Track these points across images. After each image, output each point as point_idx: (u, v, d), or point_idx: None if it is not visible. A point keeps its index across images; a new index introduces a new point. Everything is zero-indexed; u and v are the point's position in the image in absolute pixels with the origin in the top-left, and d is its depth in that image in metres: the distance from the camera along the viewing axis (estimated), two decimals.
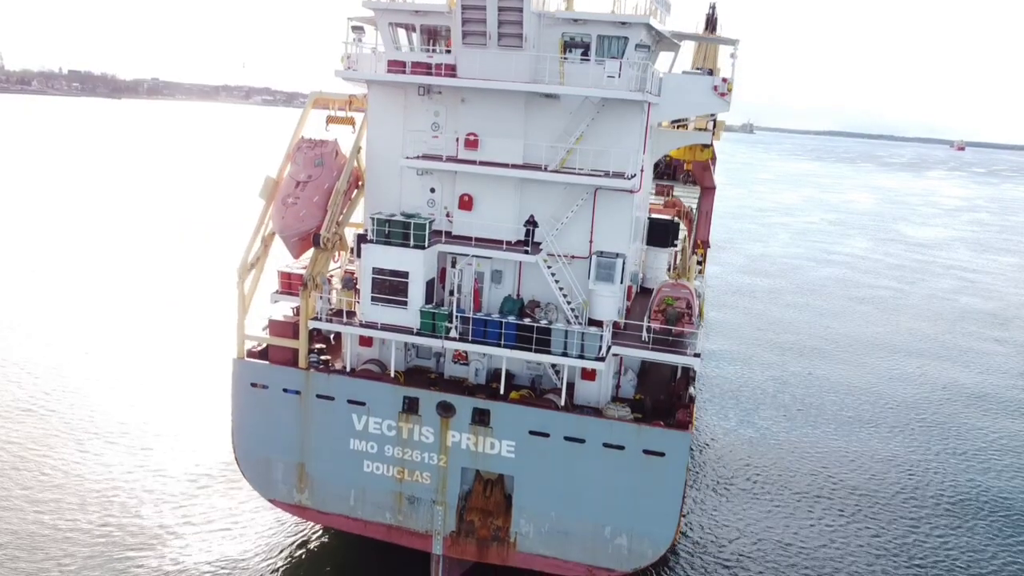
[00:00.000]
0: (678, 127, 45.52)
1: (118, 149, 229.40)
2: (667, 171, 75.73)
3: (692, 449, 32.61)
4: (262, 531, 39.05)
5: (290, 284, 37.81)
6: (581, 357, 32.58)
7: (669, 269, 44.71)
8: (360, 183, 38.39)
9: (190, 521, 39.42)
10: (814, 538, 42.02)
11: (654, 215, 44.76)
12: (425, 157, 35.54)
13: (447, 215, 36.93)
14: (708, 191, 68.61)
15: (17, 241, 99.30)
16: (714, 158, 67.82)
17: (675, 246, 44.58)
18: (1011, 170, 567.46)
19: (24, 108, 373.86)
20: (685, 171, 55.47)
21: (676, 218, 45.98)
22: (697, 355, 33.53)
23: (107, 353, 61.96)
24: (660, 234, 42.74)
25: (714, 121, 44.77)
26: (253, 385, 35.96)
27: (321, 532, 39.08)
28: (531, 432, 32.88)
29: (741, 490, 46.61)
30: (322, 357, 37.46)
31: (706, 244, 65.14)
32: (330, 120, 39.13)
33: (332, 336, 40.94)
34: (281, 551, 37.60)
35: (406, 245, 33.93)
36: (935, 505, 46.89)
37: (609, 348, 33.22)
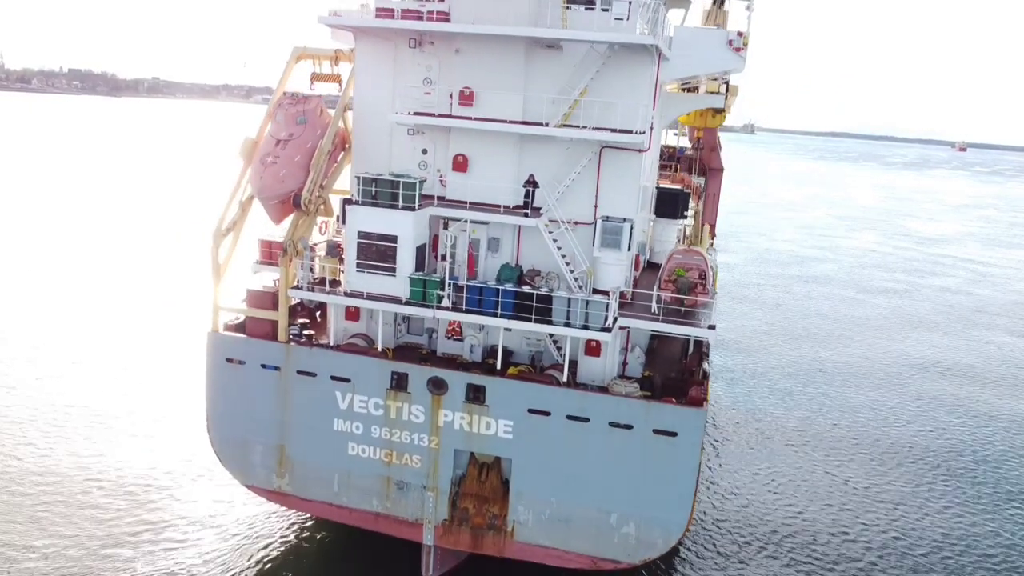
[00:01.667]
0: (687, 91, 42.82)
1: (115, 145, 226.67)
2: (670, 162, 72.87)
3: (705, 429, 29.76)
4: (239, 520, 36.18)
5: (271, 253, 34.95)
6: (585, 328, 29.78)
7: (678, 243, 41.94)
8: (347, 145, 35.65)
9: (160, 510, 36.55)
10: (833, 526, 39.16)
11: (662, 185, 41.97)
12: (416, 114, 32.83)
13: (440, 178, 34.22)
14: (715, 173, 65.68)
15: (8, 233, 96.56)
16: (719, 145, 64.95)
17: (685, 218, 41.80)
18: (1015, 170, 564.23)
19: (19, 106, 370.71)
20: (692, 150, 52.48)
21: (686, 189, 43.15)
22: (712, 327, 30.72)
23: (86, 332, 59.19)
24: (669, 204, 39.97)
25: (727, 84, 41.92)
26: (229, 361, 33.16)
27: (303, 521, 36.21)
28: (530, 411, 30.09)
29: (756, 473, 43.80)
30: (305, 332, 34.74)
31: (712, 230, 62.26)
32: (315, 77, 36.30)
33: (318, 312, 38.25)
34: (259, 542, 34.72)
35: (394, 206, 31.20)
36: (958, 492, 44.10)
37: (616, 319, 30.41)
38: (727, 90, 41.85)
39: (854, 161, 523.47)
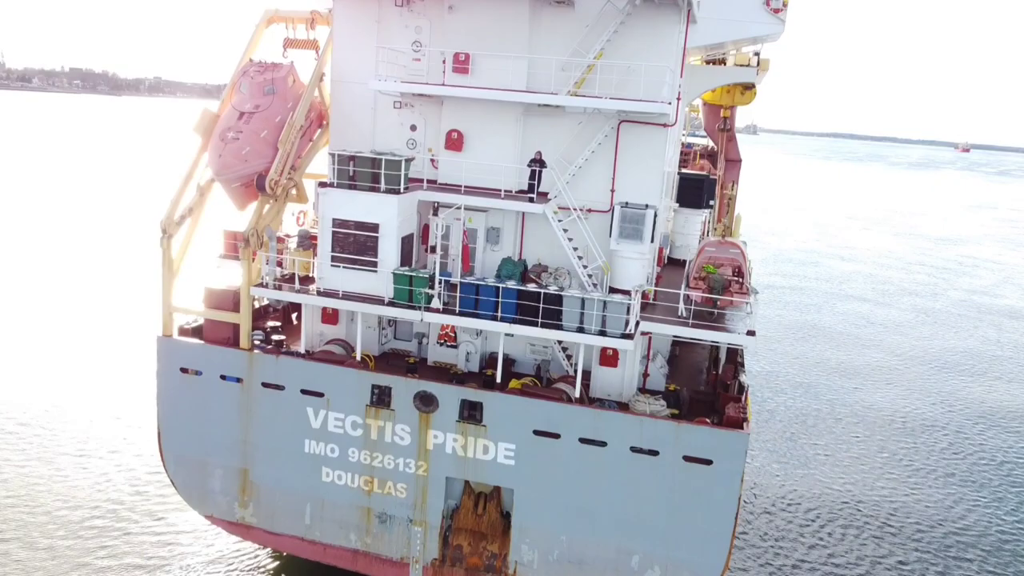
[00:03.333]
0: (710, 64, 38.02)
1: (114, 143, 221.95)
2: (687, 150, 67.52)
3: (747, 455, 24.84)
4: (195, 557, 31.02)
5: (237, 246, 30.22)
6: (602, 334, 24.97)
7: (703, 235, 37.14)
8: (324, 121, 30.92)
9: (105, 546, 31.37)
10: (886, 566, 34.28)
11: (685, 171, 37.09)
12: (403, 83, 28.09)
13: (432, 159, 29.51)
14: (733, 164, 60.70)
15: None
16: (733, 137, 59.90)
17: (711, 207, 36.96)
18: (1021, 170, 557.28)
19: (19, 105, 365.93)
20: (721, 131, 47.61)
21: (711, 174, 38.22)
22: (751, 333, 25.90)
23: (37, 332, 54.36)
24: (693, 191, 35.09)
25: (758, 57, 37.04)
26: (183, 371, 28.40)
27: (270, 557, 31.25)
28: (536, 432, 25.32)
29: (794, 511, 38.81)
30: (274, 336, 30.02)
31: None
32: (288, 43, 31.52)
33: (295, 314, 33.51)
34: None
35: (376, 189, 26.46)
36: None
37: (638, 323, 25.60)
38: (758, 63, 37.08)
39: (859, 161, 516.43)
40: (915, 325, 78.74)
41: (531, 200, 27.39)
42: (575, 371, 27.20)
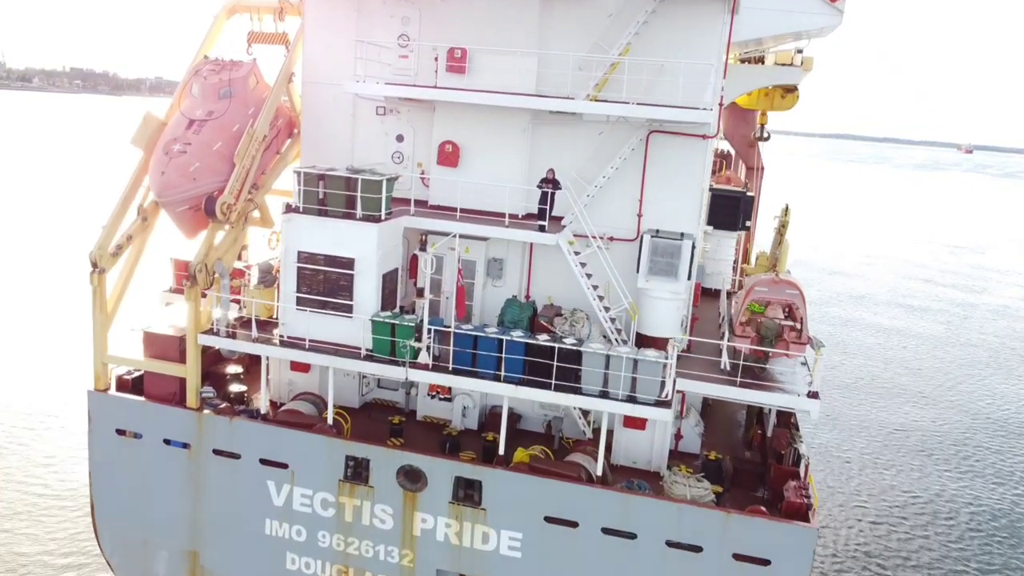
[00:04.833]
0: (745, 63, 33.15)
1: (108, 144, 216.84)
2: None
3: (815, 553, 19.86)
4: None
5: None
6: (632, 400, 20.08)
7: (736, 263, 32.29)
8: (295, 130, 26.06)
9: None
10: None
11: (717, 185, 32.14)
12: (388, 85, 23.24)
13: (422, 175, 24.68)
14: (753, 173, 55.91)
15: None
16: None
17: (746, 229, 32.07)
18: None
19: (19, 105, 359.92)
20: (758, 138, 42.65)
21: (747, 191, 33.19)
22: (813, 395, 21.00)
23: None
24: (727, 210, 30.04)
25: (801, 55, 32.11)
26: (120, 433, 23.51)
27: None
28: (547, 519, 20.43)
29: None
30: (233, 387, 25.13)
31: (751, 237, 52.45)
32: (253, 37, 26.66)
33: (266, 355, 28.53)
34: None
35: (351, 216, 21.62)
36: None
37: (674, 382, 20.68)
38: (801, 62, 32.24)
39: (863, 162, 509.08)
40: (963, 360, 69.27)
41: (541, 228, 22.48)
42: (593, 433, 22.39)
